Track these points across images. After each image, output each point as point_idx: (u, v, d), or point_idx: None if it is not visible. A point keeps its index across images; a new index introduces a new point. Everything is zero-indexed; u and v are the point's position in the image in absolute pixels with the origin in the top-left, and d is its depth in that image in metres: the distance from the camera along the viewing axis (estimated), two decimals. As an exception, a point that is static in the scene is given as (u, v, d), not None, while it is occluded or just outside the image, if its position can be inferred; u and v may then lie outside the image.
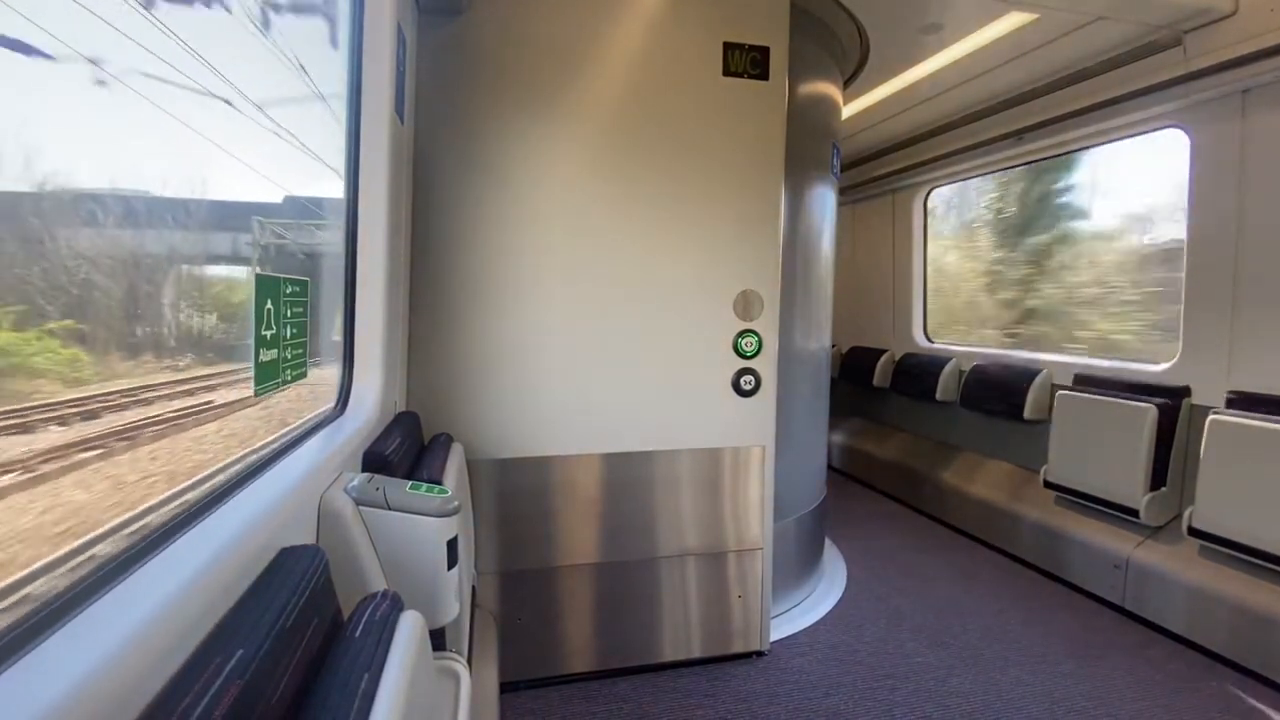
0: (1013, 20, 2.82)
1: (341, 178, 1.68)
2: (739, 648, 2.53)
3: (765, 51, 2.34)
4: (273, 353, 1.29)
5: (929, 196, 4.88)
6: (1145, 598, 2.87)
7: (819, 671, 2.46)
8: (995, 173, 4.34)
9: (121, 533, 0.88)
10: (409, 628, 0.93)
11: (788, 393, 2.74)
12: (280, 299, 1.32)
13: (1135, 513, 2.95)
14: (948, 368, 4.43)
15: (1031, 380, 3.71)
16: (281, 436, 1.39)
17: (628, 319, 2.30)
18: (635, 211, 2.28)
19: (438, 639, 1.48)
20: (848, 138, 4.63)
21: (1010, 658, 2.57)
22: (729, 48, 2.31)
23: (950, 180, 4.64)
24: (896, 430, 5.09)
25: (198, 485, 1.08)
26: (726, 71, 2.32)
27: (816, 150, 2.94)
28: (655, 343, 2.34)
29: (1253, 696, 2.34)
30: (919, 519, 4.31)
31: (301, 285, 1.43)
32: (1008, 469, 3.96)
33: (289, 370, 1.38)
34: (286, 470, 1.19)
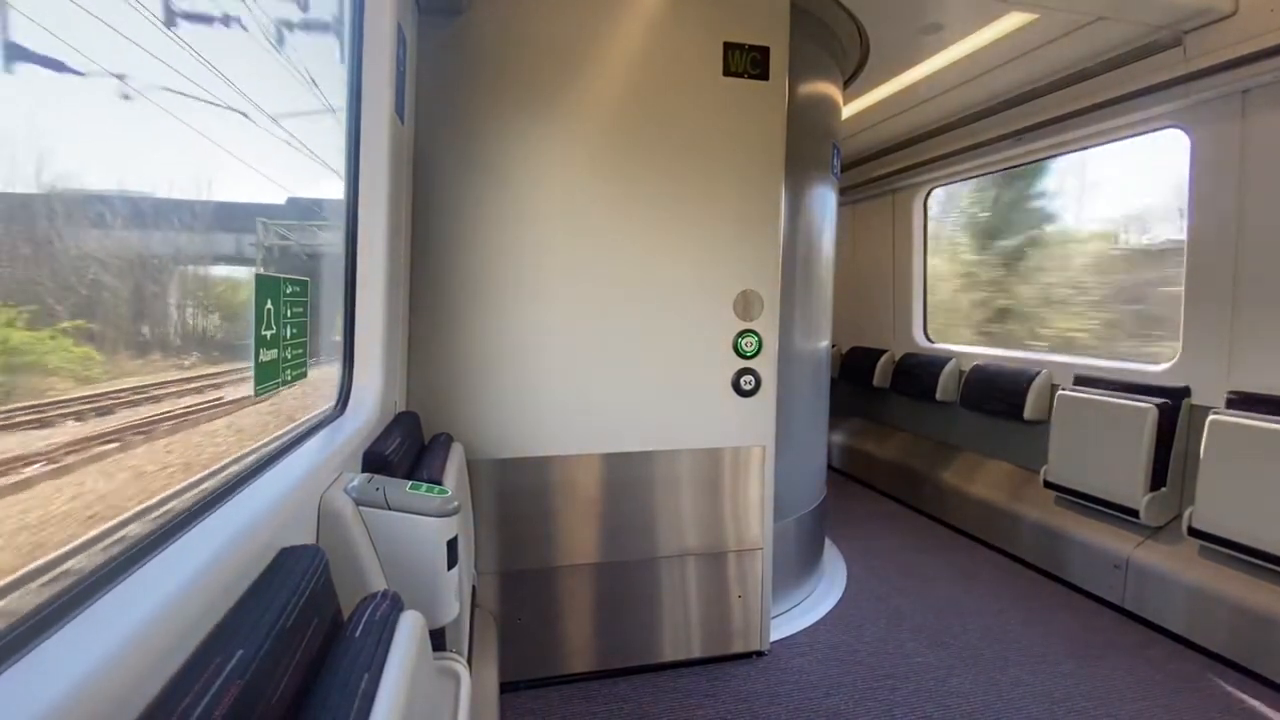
0: (1013, 20, 2.82)
1: (342, 178, 1.68)
2: (739, 648, 2.53)
3: (765, 51, 2.34)
4: (273, 353, 1.29)
5: (929, 196, 4.88)
6: (1145, 598, 2.87)
7: (819, 671, 2.46)
8: (995, 173, 4.34)
9: (121, 532, 0.89)
10: (409, 628, 0.93)
11: (788, 393, 2.74)
12: (280, 299, 1.32)
13: (1135, 513, 2.95)
14: (948, 368, 4.43)
15: (1031, 380, 3.71)
16: (282, 436, 1.40)
17: (628, 319, 2.30)
18: (635, 211, 2.28)
19: (438, 639, 1.48)
20: (848, 138, 4.63)
21: (1010, 658, 2.57)
22: (729, 48, 2.31)
23: (950, 180, 4.64)
24: (896, 430, 5.09)
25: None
26: (727, 71, 2.32)
27: (816, 150, 2.94)
28: (655, 343, 2.34)
29: (1253, 696, 2.34)
30: (919, 519, 4.31)
31: (301, 285, 1.43)
32: (1008, 469, 3.96)
33: (289, 370, 1.38)
34: (286, 470, 1.19)
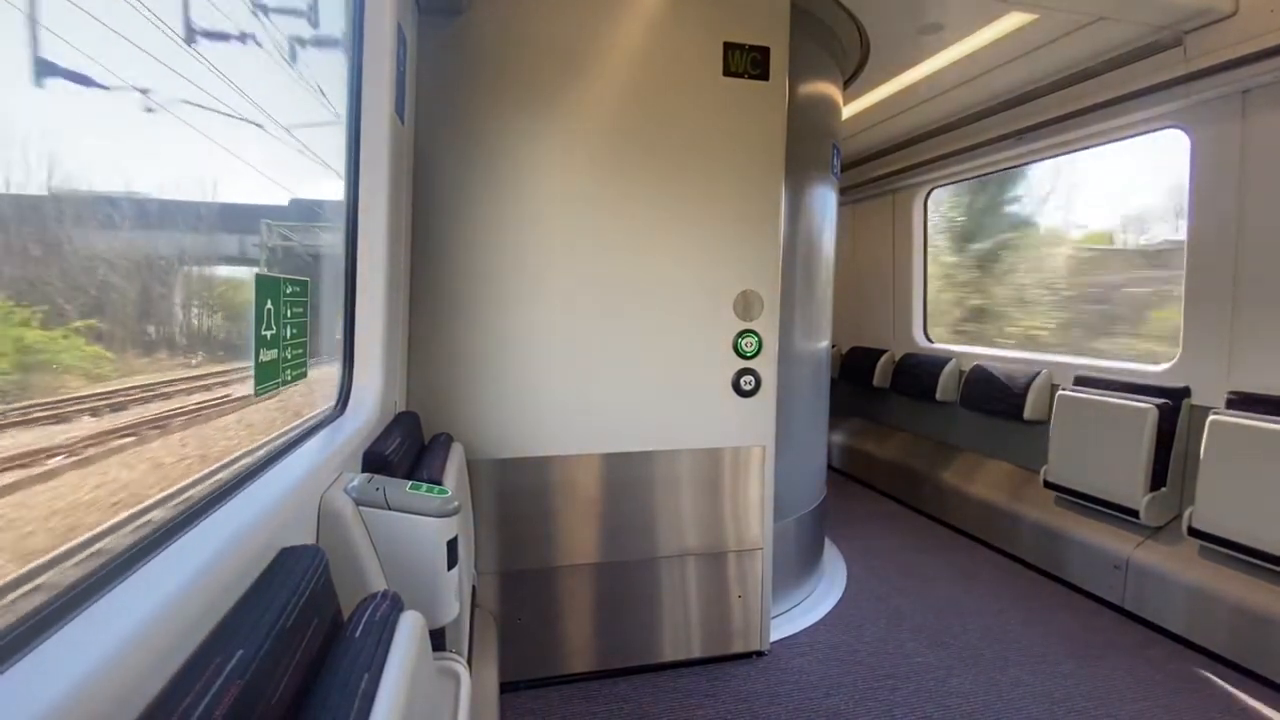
0: (1013, 20, 2.82)
1: (342, 179, 1.68)
2: (739, 648, 2.53)
3: (765, 52, 2.34)
4: (273, 353, 1.29)
5: (929, 197, 4.88)
6: (1145, 598, 2.87)
7: (819, 671, 2.46)
8: (995, 173, 4.34)
9: (122, 531, 0.89)
10: (409, 628, 0.93)
11: (788, 393, 2.74)
12: (280, 299, 1.32)
13: (1135, 513, 2.95)
14: (948, 368, 4.43)
15: (1031, 380, 3.71)
16: (284, 435, 1.40)
17: (628, 319, 2.30)
18: (635, 211, 2.28)
19: (438, 639, 1.48)
20: (848, 138, 4.63)
21: (1010, 658, 2.57)
22: (729, 48, 2.31)
23: (950, 180, 4.64)
24: (896, 430, 5.09)
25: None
26: (727, 72, 2.32)
27: (816, 150, 2.94)
28: (655, 343, 2.34)
29: (1253, 696, 2.34)
30: (919, 519, 4.31)
31: (301, 285, 1.43)
32: (1008, 469, 3.96)
33: (289, 370, 1.38)
34: (286, 470, 1.19)
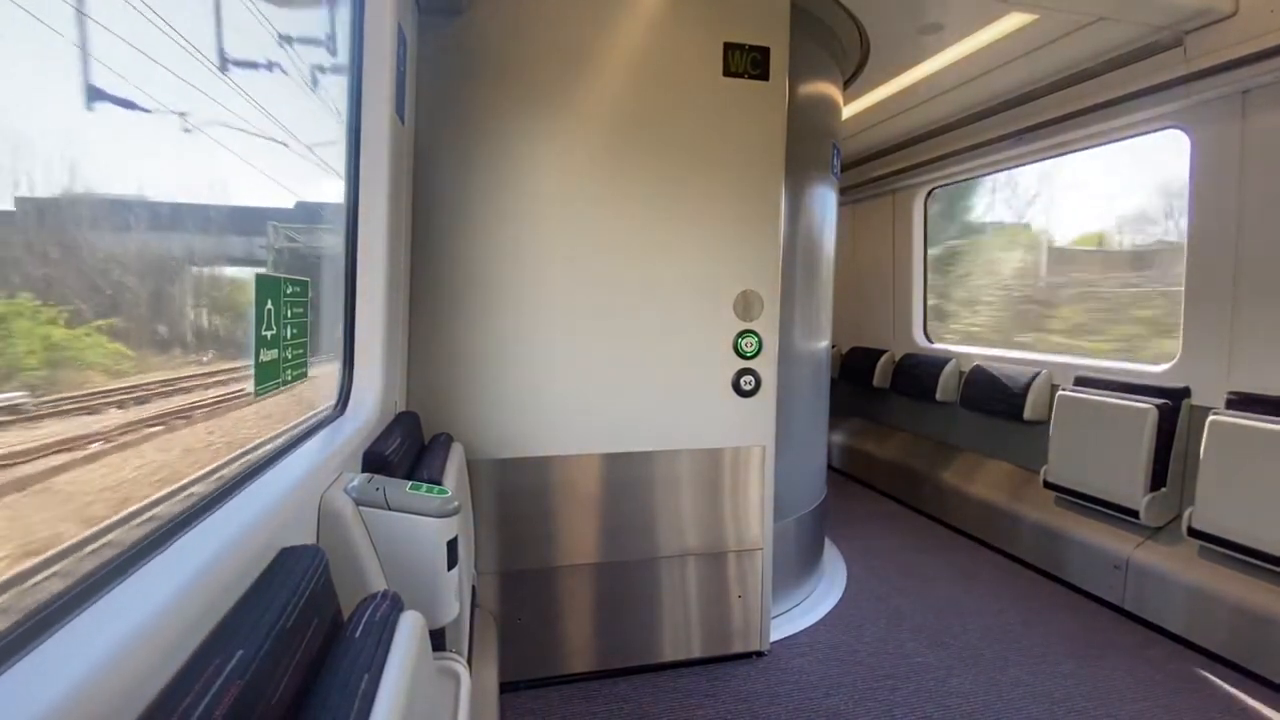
0: (1013, 21, 2.82)
1: (343, 179, 1.68)
2: (739, 648, 2.53)
3: (765, 52, 2.34)
4: (273, 353, 1.29)
5: (929, 197, 4.88)
6: (1145, 598, 2.87)
7: (819, 671, 2.46)
8: (995, 173, 4.34)
9: (122, 529, 0.89)
10: (409, 628, 0.93)
11: (788, 393, 2.74)
12: (280, 299, 1.32)
13: (1135, 513, 2.95)
14: (948, 368, 4.43)
15: (1031, 381, 3.71)
16: (284, 434, 1.41)
17: (628, 319, 2.30)
18: (635, 211, 2.28)
19: (438, 639, 1.48)
20: (848, 138, 4.63)
21: (1010, 658, 2.57)
22: (729, 48, 2.31)
23: (950, 181, 4.64)
24: (896, 430, 5.09)
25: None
26: (727, 72, 2.32)
27: (816, 150, 2.94)
28: (655, 343, 2.34)
29: (1252, 696, 2.34)
30: (919, 519, 4.31)
31: (302, 285, 1.43)
32: (1008, 469, 3.96)
33: (289, 370, 1.38)
34: (286, 470, 1.19)
